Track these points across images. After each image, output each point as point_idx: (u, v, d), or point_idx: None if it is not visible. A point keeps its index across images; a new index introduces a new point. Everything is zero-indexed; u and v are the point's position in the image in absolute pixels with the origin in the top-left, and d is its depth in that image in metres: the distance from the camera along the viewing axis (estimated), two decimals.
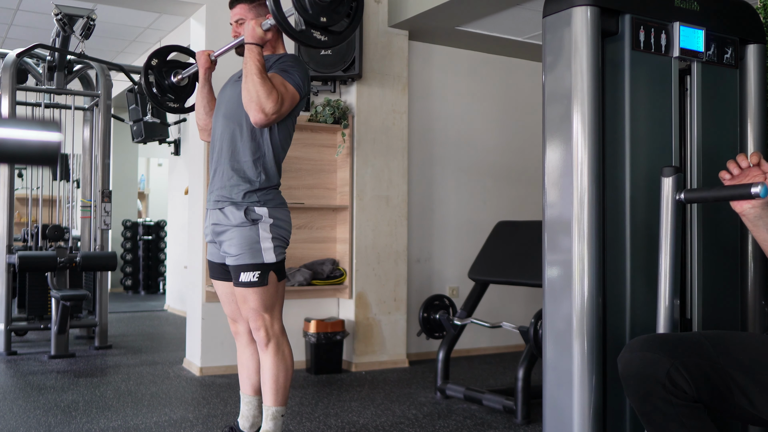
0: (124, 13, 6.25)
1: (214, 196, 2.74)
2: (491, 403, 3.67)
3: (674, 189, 1.92)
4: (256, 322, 2.68)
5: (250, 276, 2.63)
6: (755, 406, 1.61)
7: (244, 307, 2.69)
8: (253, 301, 2.65)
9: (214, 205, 2.74)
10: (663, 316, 1.95)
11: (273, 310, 2.70)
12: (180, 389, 4.11)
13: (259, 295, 2.65)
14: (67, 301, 4.88)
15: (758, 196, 1.69)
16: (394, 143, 4.91)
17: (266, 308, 2.67)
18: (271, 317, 2.69)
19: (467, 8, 4.54)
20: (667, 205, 1.92)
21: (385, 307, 4.84)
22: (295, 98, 2.65)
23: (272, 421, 2.72)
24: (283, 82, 2.62)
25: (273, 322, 2.70)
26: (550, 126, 2.18)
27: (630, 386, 1.65)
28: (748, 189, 1.69)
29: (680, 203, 1.92)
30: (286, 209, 2.74)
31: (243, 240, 2.63)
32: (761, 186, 1.68)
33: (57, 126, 0.98)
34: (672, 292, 1.95)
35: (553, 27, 2.18)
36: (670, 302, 1.95)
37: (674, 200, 1.92)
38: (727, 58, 2.38)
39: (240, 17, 2.77)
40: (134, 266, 9.96)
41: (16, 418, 3.44)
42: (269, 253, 2.65)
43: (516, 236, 4.00)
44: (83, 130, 6.19)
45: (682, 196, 1.91)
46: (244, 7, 2.76)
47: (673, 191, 1.92)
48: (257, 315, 2.67)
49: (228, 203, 2.68)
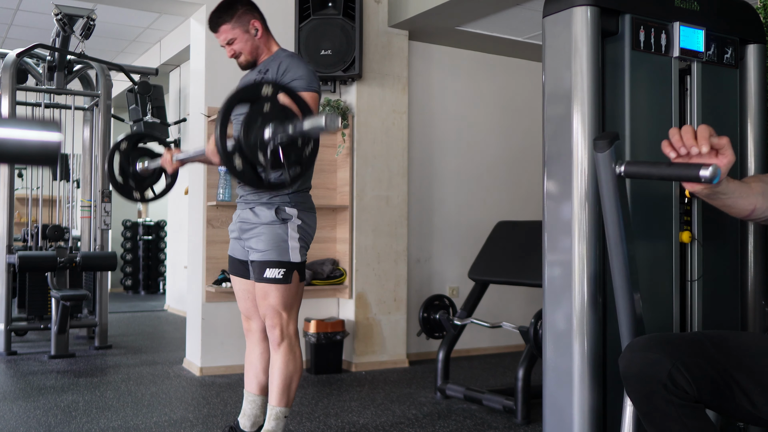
0: (124, 13, 6.25)
1: (246, 196, 2.76)
2: (491, 403, 3.67)
3: (612, 161, 1.61)
4: (273, 320, 2.69)
5: (275, 272, 2.65)
6: (756, 407, 1.61)
7: (263, 303, 2.71)
8: (274, 297, 2.67)
9: (244, 205, 2.77)
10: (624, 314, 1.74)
11: (291, 310, 2.72)
12: (180, 389, 4.11)
13: (281, 293, 2.67)
14: (67, 301, 4.88)
15: (708, 182, 1.43)
16: (394, 143, 4.91)
17: (285, 307, 2.69)
18: (288, 317, 2.71)
19: (467, 8, 4.54)
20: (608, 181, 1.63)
21: (385, 307, 4.84)
22: (317, 106, 2.68)
23: (275, 421, 2.72)
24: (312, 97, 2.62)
25: (289, 322, 2.72)
26: (550, 126, 2.18)
27: (631, 386, 1.65)
28: (697, 171, 1.43)
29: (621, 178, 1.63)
30: (313, 214, 2.78)
31: (272, 237, 2.66)
32: (712, 168, 1.42)
33: (57, 126, 0.98)
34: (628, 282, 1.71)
35: (553, 27, 2.18)
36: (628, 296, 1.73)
37: (614, 173, 1.62)
38: (727, 58, 2.38)
39: (229, 38, 2.74)
40: (134, 266, 9.96)
41: (16, 418, 3.43)
42: (295, 252, 2.68)
43: (516, 236, 4.00)
44: (83, 130, 6.19)
45: (623, 170, 1.61)
46: (226, 27, 2.74)
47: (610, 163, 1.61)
48: (275, 313, 2.69)
49: (258, 203, 2.71)
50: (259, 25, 2.76)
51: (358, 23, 4.58)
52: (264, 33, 2.78)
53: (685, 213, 2.29)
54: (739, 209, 1.68)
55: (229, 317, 4.50)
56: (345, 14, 4.58)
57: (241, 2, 2.75)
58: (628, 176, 1.62)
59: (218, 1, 2.80)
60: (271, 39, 2.82)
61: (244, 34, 2.73)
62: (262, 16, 2.81)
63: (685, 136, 1.50)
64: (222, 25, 2.74)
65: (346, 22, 4.57)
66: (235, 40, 2.74)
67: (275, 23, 4.68)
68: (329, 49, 4.57)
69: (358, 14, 4.58)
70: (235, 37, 2.74)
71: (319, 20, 4.58)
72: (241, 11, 2.73)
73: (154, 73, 6.26)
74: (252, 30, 2.75)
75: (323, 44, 4.57)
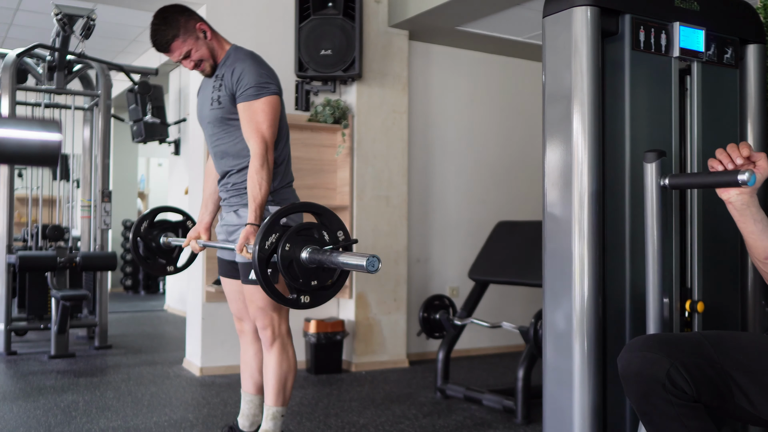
0: (124, 13, 6.25)
1: (229, 199, 2.75)
2: (491, 403, 3.67)
3: (658, 174, 1.84)
4: (264, 321, 2.68)
5: None
6: (755, 407, 1.61)
7: (251, 305, 2.69)
8: (261, 299, 2.65)
9: (228, 208, 2.76)
10: (652, 313, 1.92)
11: (281, 309, 2.70)
12: (180, 389, 4.11)
13: None
14: (67, 301, 4.88)
15: (745, 184, 1.64)
16: (394, 143, 4.91)
17: (274, 307, 2.67)
18: (279, 317, 2.70)
19: (467, 8, 4.54)
20: (652, 192, 1.84)
21: (385, 307, 4.84)
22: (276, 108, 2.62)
23: (272, 420, 2.72)
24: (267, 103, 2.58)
25: (280, 322, 2.71)
26: (550, 126, 2.18)
27: (630, 386, 1.65)
28: (735, 176, 1.64)
29: (665, 190, 1.83)
30: None
31: None
32: (748, 173, 1.63)
33: (57, 126, 0.98)
34: (660, 287, 1.90)
35: (553, 27, 2.18)
36: (659, 299, 1.90)
37: (659, 186, 1.83)
38: (727, 58, 2.38)
39: (185, 51, 2.65)
40: (134, 266, 9.95)
41: (16, 418, 3.44)
42: None
43: (516, 236, 4.00)
44: (83, 130, 6.19)
45: (667, 182, 1.83)
46: (178, 42, 2.64)
47: (657, 176, 1.83)
48: (265, 314, 2.67)
49: (241, 206, 2.70)
50: (205, 27, 2.68)
51: (358, 23, 4.58)
52: (212, 33, 2.70)
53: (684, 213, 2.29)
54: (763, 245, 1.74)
55: (229, 317, 4.50)
56: (345, 14, 4.58)
57: (177, 11, 2.65)
58: (673, 188, 1.83)
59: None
60: (220, 37, 2.75)
61: (196, 41, 2.65)
62: (202, 17, 2.73)
63: (731, 151, 1.72)
64: (173, 42, 2.63)
65: (346, 22, 4.57)
66: (191, 51, 2.65)
67: (275, 23, 4.70)
68: (329, 49, 4.57)
69: (358, 14, 4.58)
70: (190, 48, 2.65)
71: (319, 20, 4.58)
72: (183, 20, 2.63)
73: (154, 73, 6.26)
74: (201, 34, 2.66)
75: (323, 44, 4.57)
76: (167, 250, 3.05)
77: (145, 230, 3.00)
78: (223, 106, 2.65)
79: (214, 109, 2.69)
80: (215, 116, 2.69)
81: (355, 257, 1.97)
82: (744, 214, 1.72)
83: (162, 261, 3.04)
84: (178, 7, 2.68)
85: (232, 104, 2.64)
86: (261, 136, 2.56)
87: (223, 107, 2.66)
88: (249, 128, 2.58)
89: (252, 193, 2.51)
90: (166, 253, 3.05)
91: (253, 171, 2.53)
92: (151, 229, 3.03)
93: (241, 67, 2.61)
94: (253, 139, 2.56)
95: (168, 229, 3.06)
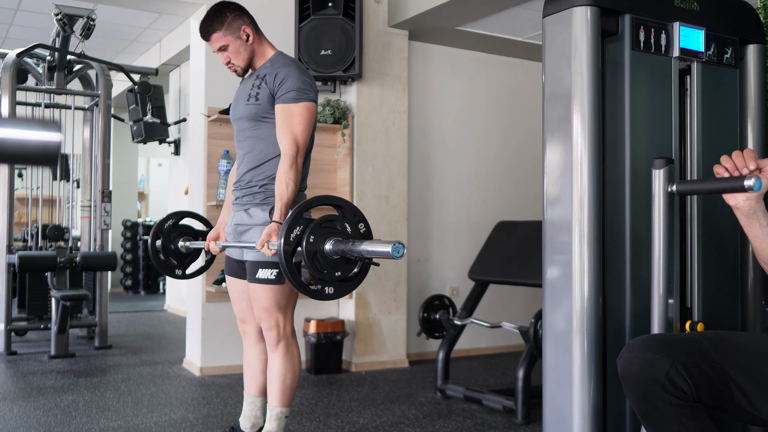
0: (124, 13, 6.25)
1: (241, 198, 2.76)
2: (491, 403, 3.67)
3: (666, 181, 1.87)
4: (269, 321, 2.69)
5: (268, 273, 2.64)
6: (755, 407, 1.61)
7: (257, 306, 2.70)
8: (267, 299, 2.66)
9: (239, 207, 2.77)
10: (657, 314, 1.93)
11: (286, 310, 2.71)
12: (180, 389, 4.11)
13: (274, 294, 2.66)
14: (67, 301, 4.88)
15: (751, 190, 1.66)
16: (394, 143, 4.91)
17: (280, 308, 2.68)
18: (284, 318, 2.71)
19: (467, 8, 4.54)
20: (659, 198, 1.88)
21: (385, 307, 4.84)
22: (313, 114, 2.66)
23: (276, 421, 2.73)
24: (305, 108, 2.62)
25: (285, 323, 2.71)
26: (550, 126, 2.18)
27: (629, 386, 1.65)
28: (741, 182, 1.66)
29: (672, 196, 1.88)
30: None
31: None
32: (755, 179, 1.65)
33: (57, 126, 0.98)
34: (666, 289, 1.92)
35: (553, 27, 2.18)
36: (664, 300, 1.92)
37: (666, 192, 1.87)
38: (727, 58, 2.38)
39: (220, 44, 2.73)
40: (134, 266, 9.96)
41: (16, 418, 3.44)
42: None
43: (516, 236, 4.00)
44: (83, 130, 6.19)
45: (674, 188, 1.87)
46: (218, 35, 2.72)
47: (665, 183, 1.87)
48: (270, 314, 2.68)
49: (252, 205, 2.71)
50: (250, 31, 2.73)
51: (358, 23, 4.58)
52: (256, 37, 2.75)
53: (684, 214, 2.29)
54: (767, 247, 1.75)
55: (229, 317, 4.50)
56: (345, 14, 4.58)
57: (229, 8, 2.73)
58: (680, 194, 1.85)
59: (218, 1, 2.80)
60: (264, 42, 2.79)
61: (236, 40, 2.71)
62: (253, 21, 2.78)
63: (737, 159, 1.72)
64: (213, 33, 2.72)
65: (346, 22, 4.57)
66: (227, 47, 2.73)
67: (275, 23, 4.70)
68: (329, 49, 4.57)
69: (358, 14, 4.58)
70: (228, 44, 2.72)
71: (319, 20, 4.58)
72: (230, 17, 2.71)
73: (154, 73, 6.26)
74: (243, 36, 2.72)
75: (323, 44, 4.57)
76: (181, 255, 3.05)
77: (168, 228, 3.02)
78: (260, 103, 2.68)
79: (249, 105, 2.71)
80: (249, 111, 2.71)
81: (380, 244, 2.02)
82: (751, 218, 1.74)
83: (174, 262, 3.05)
84: (233, 4, 2.76)
85: (269, 103, 2.67)
86: (294, 138, 2.59)
87: (260, 104, 2.68)
88: (284, 130, 2.60)
89: (279, 191, 2.55)
90: (179, 257, 3.06)
91: (282, 171, 2.57)
92: (174, 229, 3.05)
93: (285, 71, 2.65)
94: (286, 140, 2.59)
95: (190, 235, 3.08)
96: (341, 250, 2.13)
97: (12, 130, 0.95)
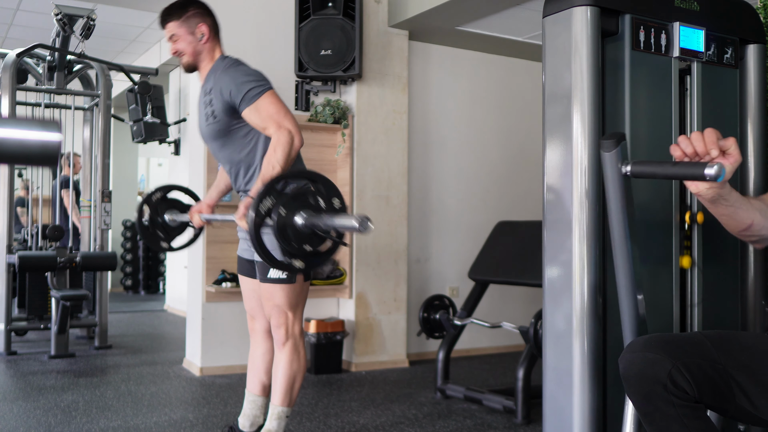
0: (124, 13, 6.25)
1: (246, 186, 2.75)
2: (491, 403, 3.67)
3: (619, 161, 1.62)
4: (279, 319, 2.70)
5: (279, 272, 2.64)
6: (757, 407, 1.61)
7: (268, 304, 2.71)
8: (279, 297, 2.67)
9: (244, 195, 2.76)
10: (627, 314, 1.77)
11: (296, 309, 2.73)
12: (180, 389, 4.11)
13: (285, 293, 2.67)
14: (67, 301, 4.88)
15: (712, 180, 1.44)
16: (394, 143, 4.91)
17: (290, 306, 2.70)
18: (294, 317, 2.72)
19: (467, 8, 4.54)
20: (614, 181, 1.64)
21: (385, 307, 4.84)
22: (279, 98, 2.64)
23: (276, 420, 2.73)
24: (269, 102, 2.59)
25: (295, 322, 2.73)
26: (550, 126, 2.18)
27: (631, 387, 1.65)
28: (702, 169, 1.44)
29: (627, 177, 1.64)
30: None
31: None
32: (717, 167, 1.42)
33: (57, 126, 0.98)
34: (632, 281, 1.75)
35: (553, 27, 2.18)
36: (632, 296, 1.76)
37: (620, 174, 1.63)
38: (727, 58, 2.38)
39: (172, 34, 2.74)
40: (134, 266, 9.95)
41: (16, 418, 3.43)
42: None
43: (516, 236, 4.00)
44: (83, 130, 6.19)
45: (629, 170, 1.62)
46: (173, 24, 2.73)
47: (617, 163, 1.62)
48: (280, 312, 2.69)
49: None
50: (206, 30, 2.73)
51: (358, 23, 4.58)
52: (210, 39, 2.75)
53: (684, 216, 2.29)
54: (737, 221, 1.69)
55: (229, 317, 4.50)
56: (345, 14, 4.58)
57: (195, 4, 2.74)
58: (635, 176, 1.63)
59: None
60: (216, 47, 2.78)
61: (188, 35, 2.72)
62: (215, 22, 2.78)
63: (696, 142, 1.52)
64: (169, 22, 2.73)
65: (346, 22, 4.57)
66: (178, 39, 2.73)
67: (275, 23, 4.70)
68: (329, 49, 4.57)
69: (358, 14, 4.58)
70: (179, 36, 2.72)
71: (319, 20, 4.58)
72: (191, 13, 2.72)
73: (154, 73, 6.26)
74: (198, 34, 2.72)
75: (323, 44, 4.57)
76: (169, 228, 3.03)
77: (156, 201, 3.00)
78: (218, 119, 2.67)
79: (210, 125, 2.71)
80: (213, 131, 2.71)
81: (347, 218, 2.05)
82: (715, 204, 1.65)
83: (161, 235, 3.02)
84: (201, 3, 2.78)
85: (227, 115, 2.65)
86: (278, 124, 2.56)
87: (219, 120, 2.67)
88: (268, 125, 2.58)
89: (264, 172, 2.52)
90: (166, 230, 3.04)
91: (269, 153, 2.55)
92: (162, 203, 3.03)
93: (227, 79, 2.63)
94: (273, 130, 2.57)
95: (177, 208, 3.05)
96: (311, 223, 2.14)
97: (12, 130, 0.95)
